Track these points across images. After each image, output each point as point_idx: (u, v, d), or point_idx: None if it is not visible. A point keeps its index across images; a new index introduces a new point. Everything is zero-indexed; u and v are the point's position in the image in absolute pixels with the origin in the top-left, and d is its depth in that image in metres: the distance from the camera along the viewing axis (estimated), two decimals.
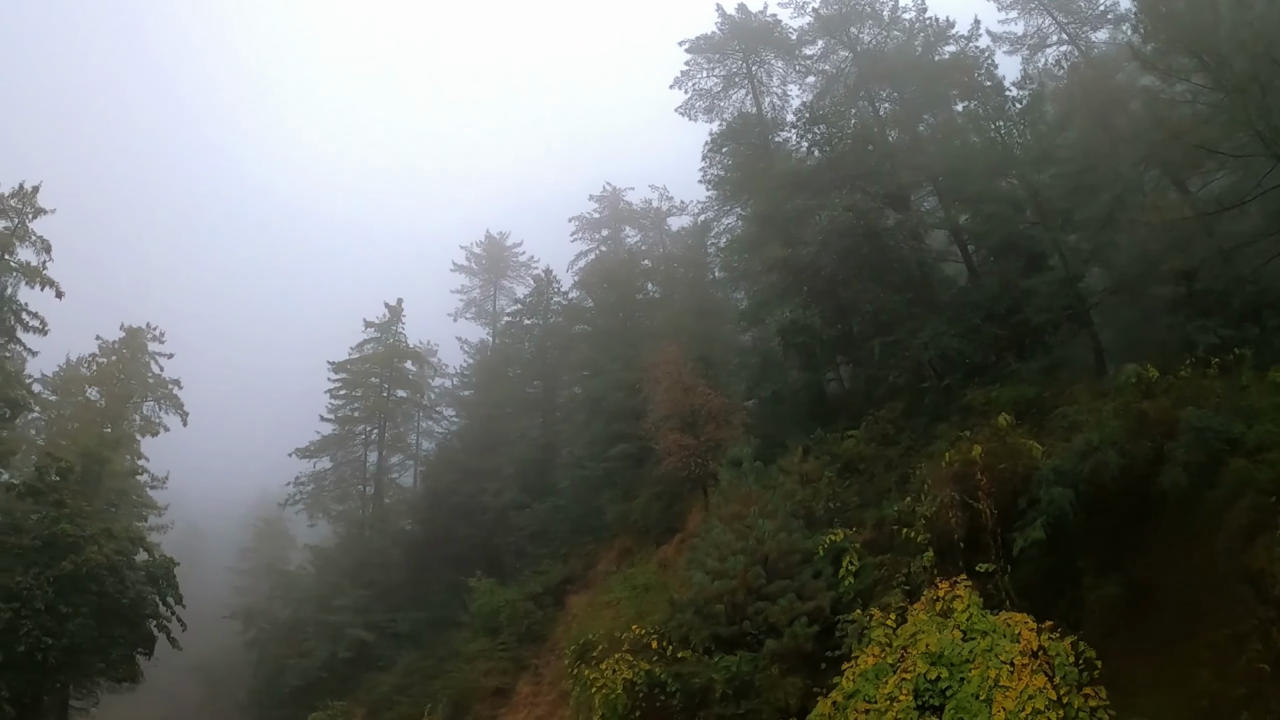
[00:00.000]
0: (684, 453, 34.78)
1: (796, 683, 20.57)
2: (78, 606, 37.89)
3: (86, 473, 42.75)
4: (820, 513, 26.49)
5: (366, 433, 74.58)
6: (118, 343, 63.76)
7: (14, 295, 44.16)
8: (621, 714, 22.50)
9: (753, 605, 22.87)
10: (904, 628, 18.97)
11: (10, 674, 36.37)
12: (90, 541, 38.57)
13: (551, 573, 43.94)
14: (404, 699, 46.81)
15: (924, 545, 21.96)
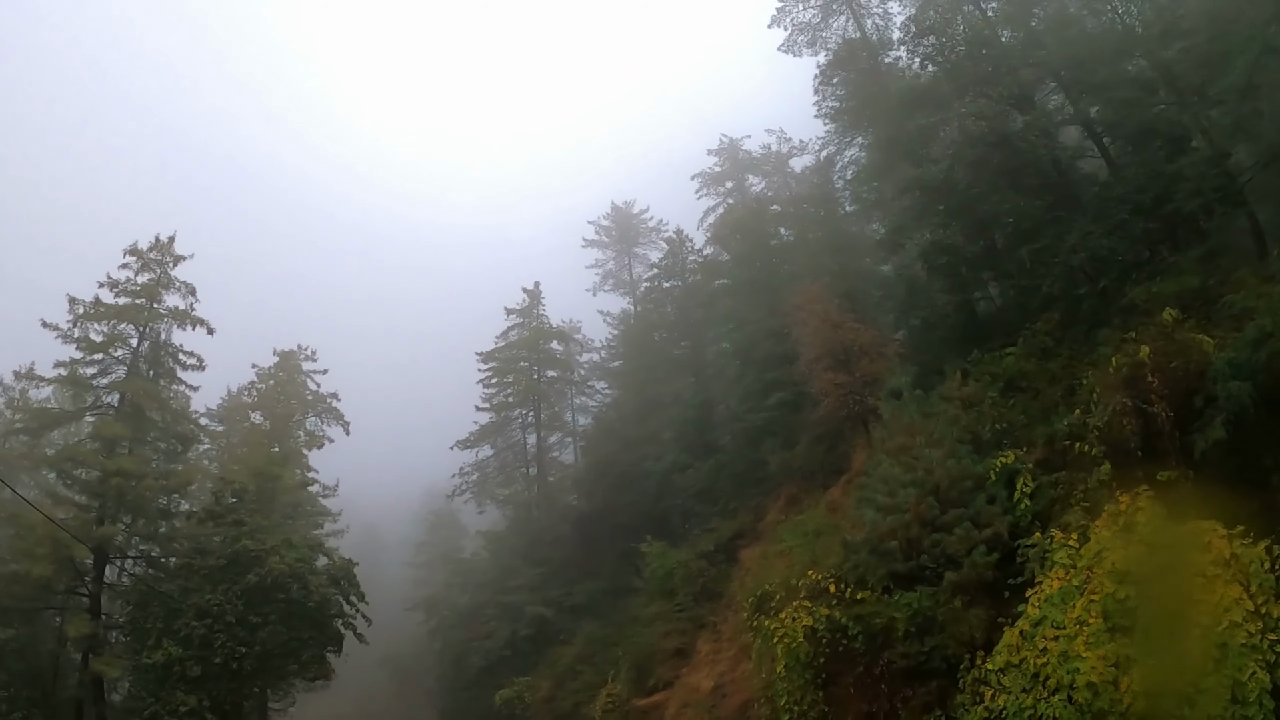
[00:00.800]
0: (840, 391, 34.37)
1: (980, 614, 20.16)
2: (266, 615, 40.26)
3: (260, 491, 45.35)
4: (987, 436, 25.83)
5: (523, 416, 76.17)
6: (273, 367, 66.81)
7: (168, 339, 47.46)
8: (804, 661, 22.43)
9: (928, 538, 22.48)
10: (1087, 547, 18.33)
11: (210, 684, 38.95)
12: (271, 553, 40.77)
13: (721, 529, 44.10)
14: (586, 668, 47.99)
15: (1099, 458, 21.06)
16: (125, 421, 44.30)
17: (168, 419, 47.44)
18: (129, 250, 46.51)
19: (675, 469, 51.13)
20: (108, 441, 43.49)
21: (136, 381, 45.27)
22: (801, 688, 22.44)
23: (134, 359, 46.05)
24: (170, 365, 47.15)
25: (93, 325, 45.14)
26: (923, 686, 20.42)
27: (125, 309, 45.77)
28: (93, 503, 43.27)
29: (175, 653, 38.47)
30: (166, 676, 38.52)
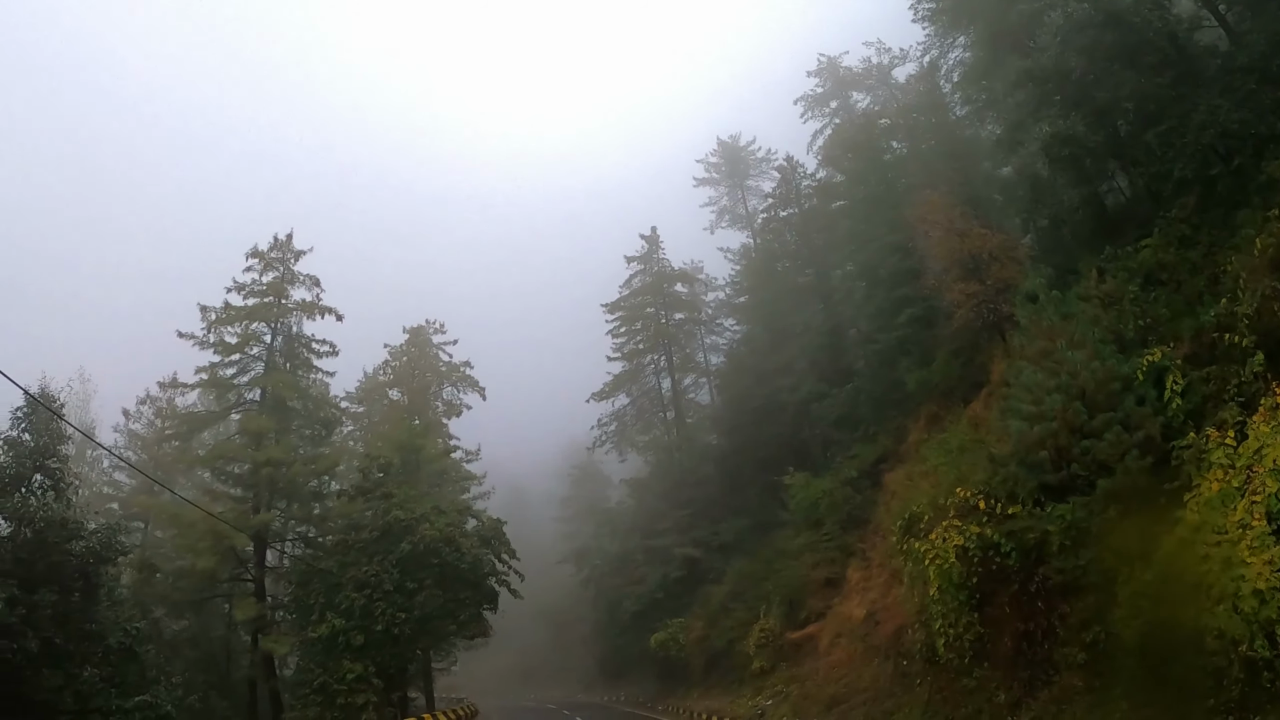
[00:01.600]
0: (973, 301, 33.46)
1: (1136, 523, 19.38)
2: (422, 581, 41.65)
3: (405, 464, 46.91)
4: (1130, 334, 24.82)
5: (655, 361, 76.63)
6: (404, 344, 68.60)
7: (300, 331, 49.69)
8: (957, 583, 22.01)
9: (1077, 446, 21.74)
10: (1245, 445, 17.23)
11: (373, 651, 40.64)
12: (422, 521, 42.11)
13: (863, 455, 43.74)
14: (738, 605, 48.60)
15: (1250, 349, 19.74)
16: (269, 414, 46.48)
17: (309, 406, 49.62)
18: (250, 253, 48.57)
19: (812, 398, 50.64)
20: (254, 435, 45.59)
21: (275, 375, 47.39)
22: (956, 609, 22.05)
23: (270, 354, 48.21)
24: (305, 355, 49.41)
25: (226, 329, 47.32)
26: (1080, 602, 19.70)
27: (255, 309, 47.88)
28: (247, 494, 45.76)
29: (338, 625, 40.24)
30: (332, 648, 40.32)
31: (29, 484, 31.69)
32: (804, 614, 40.31)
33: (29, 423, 32.51)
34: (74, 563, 30.81)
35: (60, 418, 32.82)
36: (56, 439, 33.06)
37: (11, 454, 31.79)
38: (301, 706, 40.21)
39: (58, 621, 29.83)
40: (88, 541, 31.32)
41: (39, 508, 30.09)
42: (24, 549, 29.84)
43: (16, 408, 32.71)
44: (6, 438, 32.23)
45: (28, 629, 28.28)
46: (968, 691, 21.92)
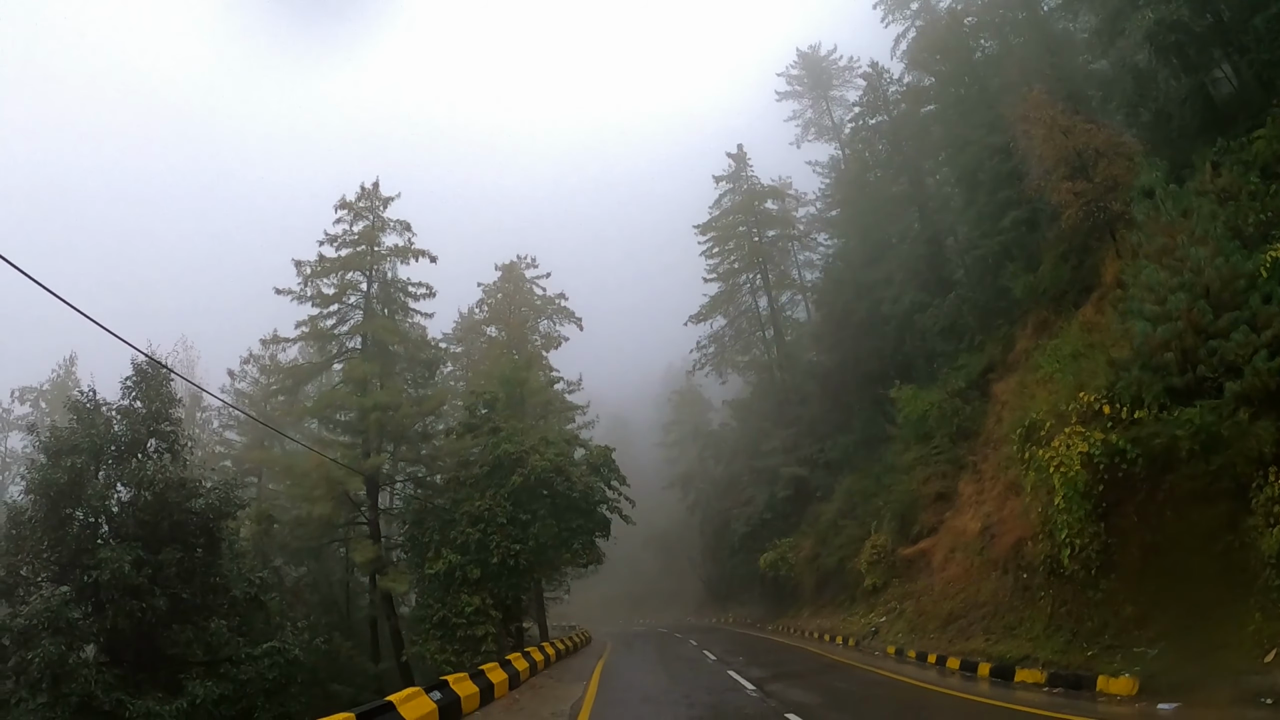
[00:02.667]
0: (1080, 200, 31.95)
1: (1268, 427, 18.39)
2: (535, 511, 41.89)
3: (510, 397, 47.13)
4: (1250, 229, 23.49)
5: (750, 280, 76.16)
6: (498, 281, 68.94)
7: (395, 276, 49.99)
8: (1082, 491, 21.28)
9: (1203, 347, 20.64)
10: None
11: (490, 583, 41.32)
12: (531, 453, 42.26)
13: (970, 365, 42.53)
14: (848, 522, 48.49)
15: None
16: (371, 360, 47.07)
17: (410, 349, 50.03)
18: (339, 205, 49.15)
19: (914, 309, 49.26)
20: (359, 382, 46.36)
21: (374, 322, 47.85)
22: (1081, 520, 21.29)
23: (367, 302, 48.65)
24: (402, 300, 49.73)
25: (322, 281, 47.96)
26: (1210, 510, 18.72)
27: (349, 258, 48.37)
28: (356, 440, 46.37)
29: (455, 560, 40.89)
30: (449, 583, 41.03)
31: (145, 449, 32.56)
32: (916, 529, 39.63)
33: (140, 390, 33.36)
34: (195, 520, 31.73)
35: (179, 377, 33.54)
36: (167, 403, 33.83)
37: (126, 422, 32.61)
38: (423, 641, 41.06)
39: (183, 578, 30.78)
40: (206, 499, 32.23)
41: (156, 470, 30.90)
42: (146, 511, 30.68)
43: (126, 377, 33.65)
44: (119, 407, 33.06)
45: (155, 588, 29.30)
46: (1093, 604, 21.22)
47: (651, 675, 31.63)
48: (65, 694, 26.40)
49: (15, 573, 29.47)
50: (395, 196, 49.93)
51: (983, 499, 34.34)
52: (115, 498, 31.26)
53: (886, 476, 45.52)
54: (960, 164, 45.26)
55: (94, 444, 31.31)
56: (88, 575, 28.23)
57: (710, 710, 20.29)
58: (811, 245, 77.28)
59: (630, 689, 27.21)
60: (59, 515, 30.05)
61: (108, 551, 28.66)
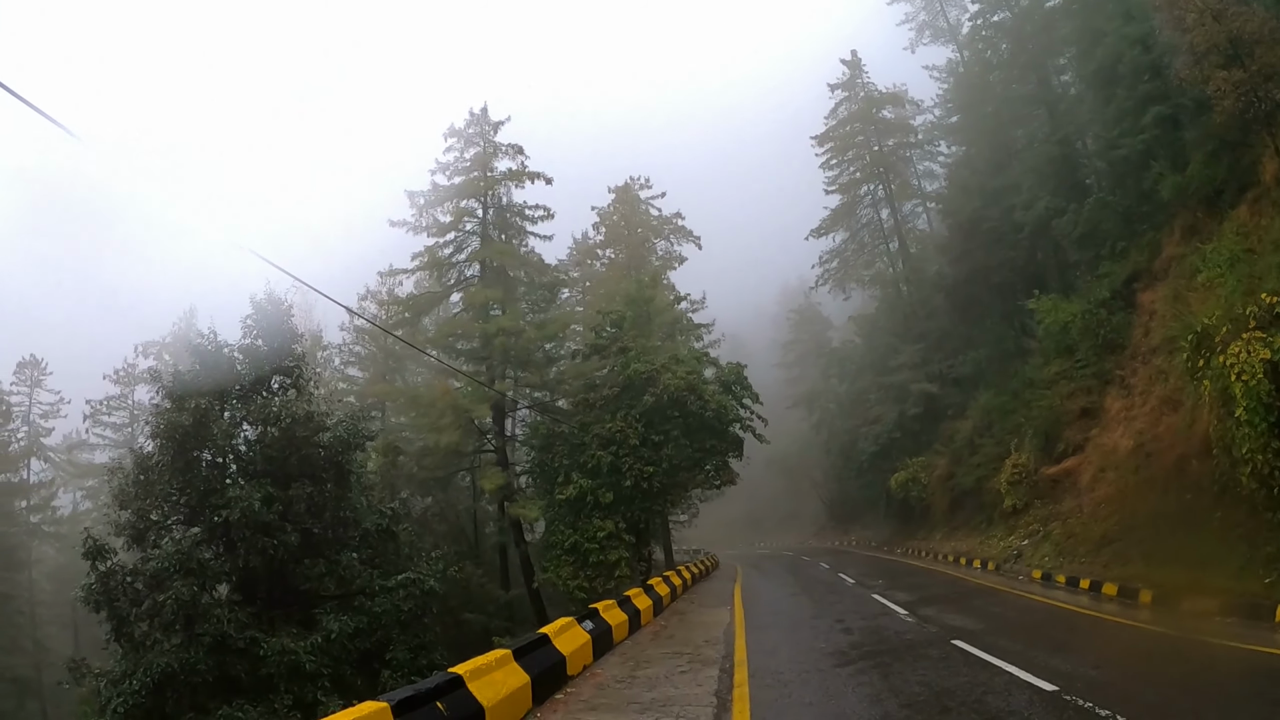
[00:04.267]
0: (1237, 91, 29.34)
1: None
2: (668, 432, 40.93)
3: (636, 317, 45.68)
4: None
5: (871, 191, 73.40)
6: (612, 204, 67.62)
7: (510, 201, 48.89)
8: (1266, 400, 19.43)
9: None
10: None
11: (623, 506, 40.72)
12: (663, 372, 41.17)
13: (1113, 273, 39.42)
14: (985, 440, 46.45)
15: None
16: (492, 286, 46.24)
17: (530, 273, 49.12)
18: (448, 132, 48.35)
19: (1049, 215, 46.24)
20: (480, 308, 45.65)
21: (491, 247, 47.02)
22: (1264, 433, 19.44)
23: (483, 228, 47.86)
24: (519, 224, 48.59)
25: (436, 210, 47.45)
26: None
27: (463, 185, 47.53)
28: (480, 367, 45.63)
29: (586, 485, 40.27)
30: (580, 508, 40.47)
31: (268, 386, 32.46)
32: (1060, 448, 37.56)
33: (261, 328, 33.15)
34: (323, 454, 31.47)
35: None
36: (289, 339, 33.66)
37: (248, 361, 32.39)
38: (554, 568, 40.73)
39: (313, 513, 30.60)
40: (334, 432, 31.84)
41: (282, 406, 30.65)
42: (274, 448, 30.52)
43: (246, 316, 33.44)
44: (241, 346, 32.85)
45: (286, 524, 29.17)
46: (1273, 526, 19.43)
47: (793, 600, 30.81)
48: (199, 634, 26.50)
49: (145, 517, 29.57)
50: (505, 120, 48.85)
51: (1133, 414, 32.40)
52: (241, 436, 31.15)
53: (1026, 392, 43.20)
54: (1097, 58, 42.02)
55: (217, 385, 31.21)
56: (218, 515, 28.20)
57: (870, 635, 19.14)
58: (931, 154, 73.93)
59: (776, 614, 26.30)
60: (186, 458, 29.99)
61: (237, 490, 28.62)
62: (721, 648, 19.24)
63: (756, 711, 12.24)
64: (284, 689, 26.99)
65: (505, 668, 12.69)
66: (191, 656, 26.15)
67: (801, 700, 12.97)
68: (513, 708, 12.29)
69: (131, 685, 25.43)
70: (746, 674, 15.39)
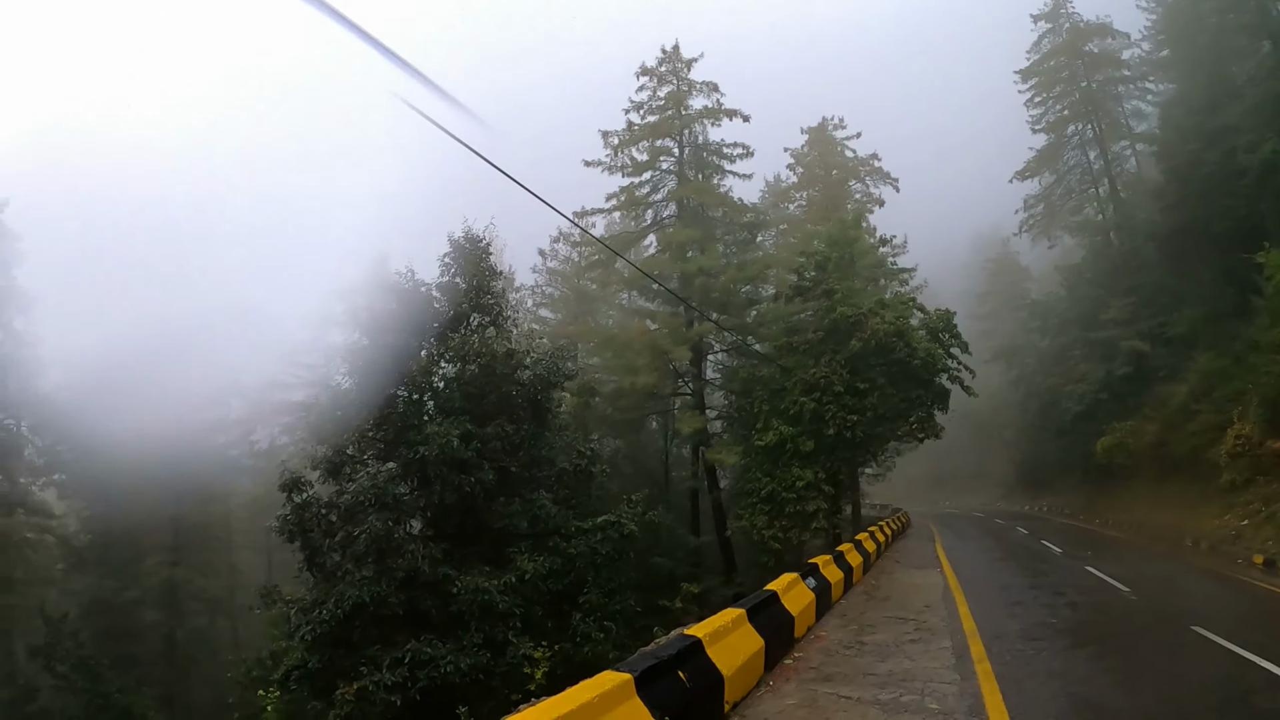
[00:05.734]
0: None
1: None
2: (873, 380, 38.80)
3: (840, 259, 43.41)
4: None
5: (1079, 131, 68.34)
6: (805, 145, 65.38)
7: (706, 140, 47.11)
8: None
9: None
10: None
11: (823, 456, 38.93)
12: (870, 316, 38.83)
13: None
14: (1203, 407, 42.43)
15: None
16: (690, 225, 44.85)
17: (728, 213, 47.14)
18: (640, 71, 47.03)
19: (1275, 160, 41.75)
20: (678, 248, 44.27)
21: (688, 186, 45.51)
22: None
23: (680, 167, 46.35)
24: (716, 162, 46.77)
25: (631, 150, 46.23)
26: None
27: (658, 124, 46.18)
28: (676, 309, 44.52)
29: (786, 431, 38.51)
30: (779, 455, 38.77)
31: (467, 323, 31.99)
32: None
33: (459, 266, 32.87)
34: (522, 392, 30.92)
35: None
36: (488, 277, 33.01)
37: (446, 298, 32.20)
38: (749, 515, 39.31)
39: (509, 451, 30.17)
40: (533, 370, 31.18)
41: (481, 343, 30.24)
42: (472, 385, 30.13)
43: (444, 254, 33.30)
44: (439, 284, 32.71)
45: (483, 461, 28.75)
46: None
47: (1001, 566, 28.80)
48: (391, 568, 26.61)
49: (341, 452, 29.68)
50: (698, 58, 47.12)
51: None
52: (439, 373, 30.74)
53: (1250, 356, 38.68)
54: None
55: (415, 322, 31.06)
56: (415, 451, 28.00)
57: (1097, 612, 17.61)
58: (1141, 91, 67.88)
59: (989, 581, 24.30)
60: (383, 394, 30.03)
61: (435, 427, 28.13)
62: (943, 614, 18.05)
63: (1009, 696, 11.05)
64: (475, 627, 26.72)
65: (740, 630, 11.78)
66: (383, 589, 26.30)
67: (1050, 685, 11.75)
68: (747, 676, 11.42)
69: (321, 614, 25.88)
70: (982, 648, 14.18)
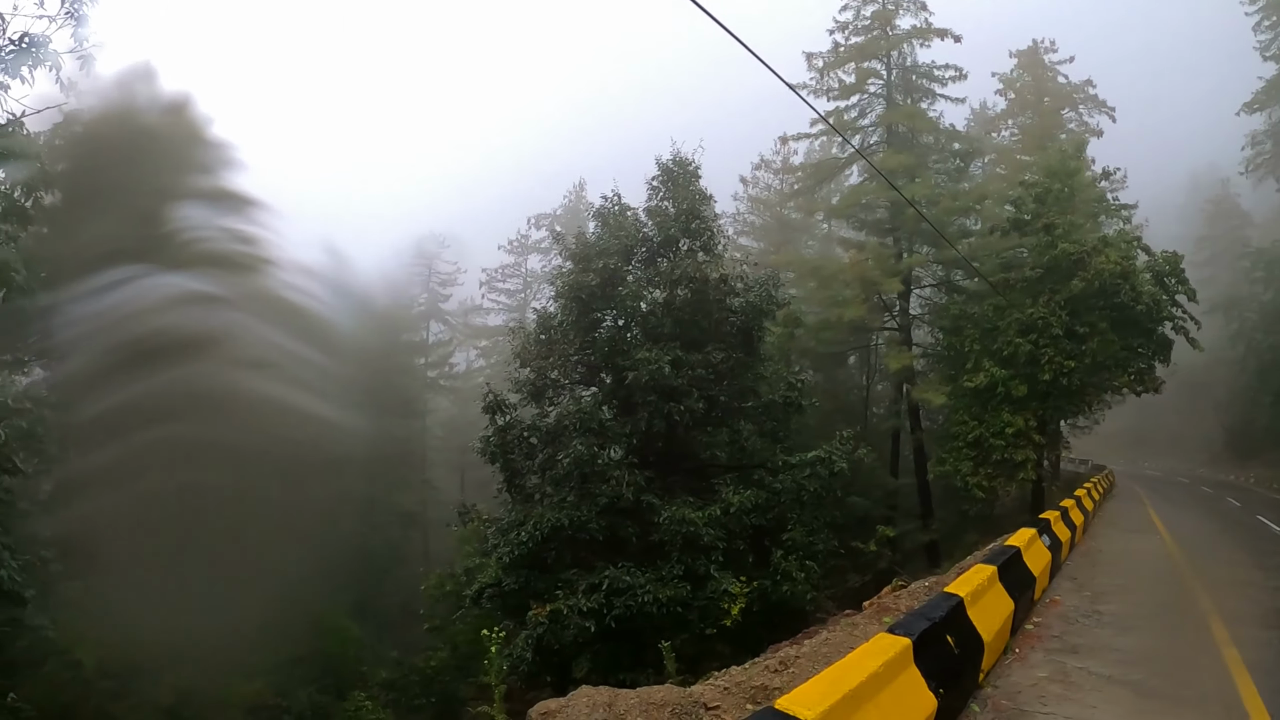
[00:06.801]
0: None
1: None
2: (1094, 324, 35.40)
3: (1059, 191, 40.34)
4: None
5: None
6: (1014, 69, 61.61)
7: (914, 62, 44.49)
8: None
9: None
10: None
11: (1035, 403, 36.02)
12: (1094, 254, 35.26)
13: None
14: None
15: None
16: (901, 151, 42.53)
17: (940, 139, 44.68)
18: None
19: None
20: (889, 175, 41.75)
21: (898, 111, 43.05)
22: None
23: (888, 90, 43.97)
24: (925, 85, 44.13)
25: (837, 73, 44.11)
26: None
27: (864, 45, 43.95)
28: (885, 239, 42.70)
29: (998, 374, 35.77)
30: (989, 399, 36.25)
31: (676, 248, 31.00)
32: None
33: (667, 190, 31.96)
34: (733, 320, 29.94)
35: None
36: (698, 201, 31.79)
37: (655, 222, 31.37)
38: (953, 460, 36.97)
39: (717, 380, 29.38)
40: (745, 297, 30.05)
41: (694, 268, 29.27)
42: (683, 310, 29.31)
43: (653, 177, 32.45)
44: (647, 208, 32.02)
45: (692, 389, 28.05)
46: None
47: (1219, 539, 26.17)
48: (593, 493, 26.57)
49: (545, 376, 29.68)
50: None
51: None
52: (647, 298, 29.83)
53: None
54: None
55: (622, 246, 30.32)
56: (622, 377, 27.66)
57: None
58: None
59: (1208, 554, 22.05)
60: (589, 319, 29.88)
61: (645, 352, 27.48)
62: (1173, 589, 16.58)
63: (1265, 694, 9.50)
64: (676, 558, 26.28)
65: (993, 590, 10.91)
66: (583, 514, 26.37)
67: None
68: (998, 642, 10.49)
69: (519, 536, 26.26)
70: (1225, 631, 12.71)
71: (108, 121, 38.40)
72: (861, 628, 13.05)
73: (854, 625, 13.52)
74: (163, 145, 39.55)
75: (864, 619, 14.17)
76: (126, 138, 38.15)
